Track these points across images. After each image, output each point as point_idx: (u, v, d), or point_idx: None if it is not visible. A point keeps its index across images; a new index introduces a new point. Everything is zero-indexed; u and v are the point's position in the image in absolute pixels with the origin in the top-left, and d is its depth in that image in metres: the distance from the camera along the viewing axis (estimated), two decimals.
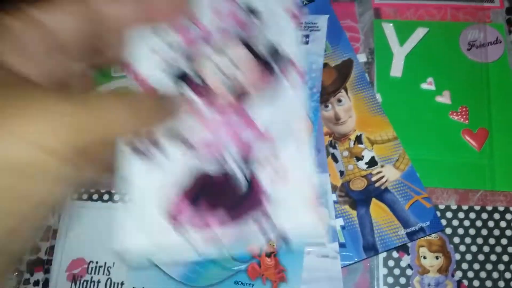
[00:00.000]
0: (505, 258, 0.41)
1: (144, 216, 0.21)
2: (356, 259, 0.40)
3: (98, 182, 0.40)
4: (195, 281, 0.39)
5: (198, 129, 0.21)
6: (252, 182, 0.21)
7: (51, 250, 0.42)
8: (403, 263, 0.41)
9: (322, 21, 0.48)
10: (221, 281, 0.39)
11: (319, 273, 0.39)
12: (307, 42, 0.47)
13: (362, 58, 0.49)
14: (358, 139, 0.44)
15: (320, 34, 0.47)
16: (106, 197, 0.44)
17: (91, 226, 0.42)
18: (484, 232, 0.42)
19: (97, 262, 0.41)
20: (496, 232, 0.42)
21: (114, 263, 0.41)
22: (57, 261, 0.41)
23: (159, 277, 0.39)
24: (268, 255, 0.39)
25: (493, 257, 0.41)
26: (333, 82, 0.47)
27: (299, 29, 0.46)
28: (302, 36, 0.47)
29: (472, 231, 0.42)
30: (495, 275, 0.41)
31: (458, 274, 0.41)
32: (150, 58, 0.22)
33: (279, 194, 0.20)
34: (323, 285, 0.39)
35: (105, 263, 0.41)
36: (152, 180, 0.21)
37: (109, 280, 0.40)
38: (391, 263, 0.41)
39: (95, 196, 0.44)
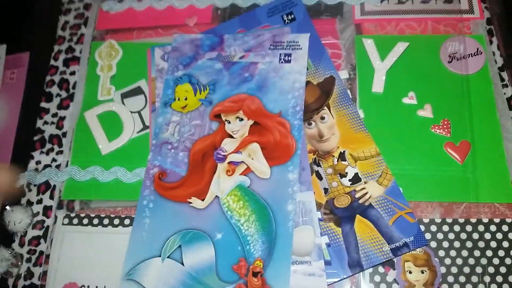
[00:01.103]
0: (491, 269, 0.41)
1: None
2: (342, 276, 0.41)
3: None
4: None
5: None
6: None
7: (44, 275, 0.43)
8: (389, 278, 0.42)
9: (303, 39, 0.49)
10: None
11: None
12: (289, 61, 0.48)
13: (344, 74, 0.49)
14: (342, 156, 0.45)
15: (302, 53, 0.48)
16: (95, 221, 0.45)
17: (83, 250, 0.43)
18: (469, 244, 0.42)
19: (89, 286, 0.42)
20: (481, 244, 0.42)
21: (105, 286, 0.42)
22: (50, 286, 0.42)
23: None
24: (255, 275, 0.40)
25: (478, 269, 0.41)
26: (316, 100, 0.48)
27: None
28: (284, 55, 0.48)
29: (457, 244, 0.42)
30: (481, 287, 0.41)
31: (444, 287, 0.41)
32: None
33: None
34: None
35: (97, 287, 0.42)
36: None
37: None
38: (377, 278, 0.42)
39: (85, 221, 0.45)
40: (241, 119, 0.46)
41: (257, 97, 0.47)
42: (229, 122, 0.46)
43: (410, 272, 0.42)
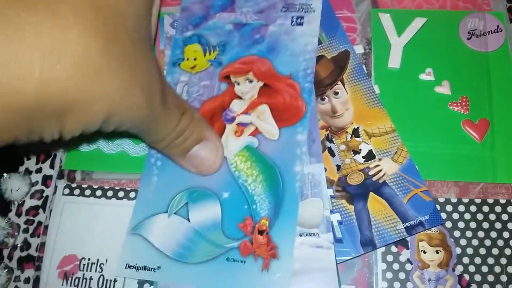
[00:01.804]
0: (508, 251, 0.40)
1: None
2: (353, 255, 0.39)
3: None
4: (186, 257, 0.39)
5: None
6: None
7: (42, 246, 0.41)
8: (402, 258, 0.40)
9: (317, 1, 0.47)
10: (213, 258, 0.39)
11: (312, 264, 0.38)
12: (301, 24, 0.46)
13: (359, 49, 0.47)
14: (355, 132, 0.43)
15: (315, 15, 0.47)
16: (99, 192, 0.43)
17: (83, 222, 0.41)
18: (486, 225, 0.41)
19: (89, 259, 0.40)
20: (498, 225, 0.41)
21: (106, 259, 0.40)
22: (48, 258, 0.40)
23: (151, 255, 0.39)
24: (261, 232, 0.39)
25: (495, 251, 0.40)
26: (329, 75, 0.46)
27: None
28: (296, 17, 0.47)
29: (473, 225, 0.41)
30: (497, 269, 0.39)
31: (459, 268, 0.40)
32: None
33: None
34: (316, 275, 0.38)
35: (98, 260, 0.40)
36: None
37: (101, 277, 0.40)
38: (390, 258, 0.40)
39: (87, 192, 0.43)
40: (251, 81, 0.45)
41: (268, 59, 0.45)
42: (239, 84, 0.45)
43: (424, 252, 0.40)
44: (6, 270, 0.40)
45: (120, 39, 0.27)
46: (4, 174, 0.43)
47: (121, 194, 0.43)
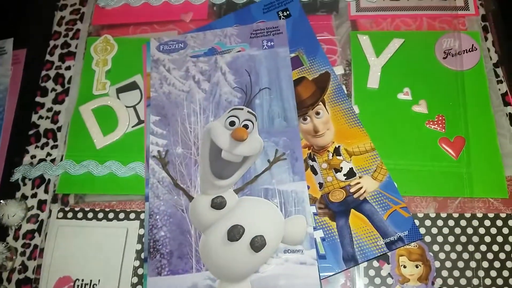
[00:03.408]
0: (485, 264, 0.41)
1: None
2: (336, 270, 0.41)
3: None
4: None
5: None
6: None
7: (38, 269, 0.43)
8: (383, 272, 0.42)
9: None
10: None
11: (296, 280, 0.40)
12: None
13: (339, 70, 0.49)
14: (337, 151, 0.45)
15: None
16: (90, 215, 0.45)
17: (77, 244, 0.43)
18: (463, 239, 0.42)
19: (83, 280, 0.42)
20: (475, 238, 0.42)
21: (99, 280, 0.42)
22: (44, 279, 0.42)
23: None
24: None
25: (472, 264, 0.41)
26: (311, 95, 0.48)
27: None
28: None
29: (451, 239, 0.42)
30: (475, 281, 0.41)
31: (439, 282, 0.41)
32: None
33: None
34: None
35: (91, 281, 0.42)
36: None
37: None
38: (371, 272, 0.42)
39: (79, 215, 0.45)
40: None
41: None
42: None
43: (404, 267, 0.42)
44: None
45: None
46: (1, 201, 0.45)
47: (111, 215, 0.45)
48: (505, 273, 0.41)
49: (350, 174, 0.44)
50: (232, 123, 0.45)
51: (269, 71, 0.48)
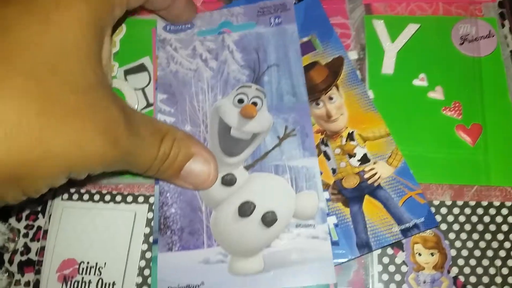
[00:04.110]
0: (502, 253, 0.40)
1: None
2: (350, 257, 0.40)
3: None
4: None
5: None
6: None
7: (41, 250, 0.42)
8: (398, 260, 0.41)
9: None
10: None
11: (309, 254, 0.39)
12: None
13: (353, 55, 0.48)
14: (350, 136, 0.44)
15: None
16: (97, 197, 0.44)
17: (82, 226, 0.42)
18: (480, 227, 0.41)
19: (88, 263, 0.41)
20: (492, 227, 0.41)
21: (105, 263, 0.41)
22: (48, 261, 0.41)
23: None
24: None
25: (489, 253, 0.40)
26: (324, 80, 0.47)
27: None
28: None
29: (467, 227, 0.41)
30: (492, 270, 0.40)
31: (454, 270, 0.40)
32: None
33: None
34: (313, 266, 0.39)
35: (96, 263, 0.41)
36: None
37: (100, 281, 0.40)
38: (385, 259, 0.41)
39: (85, 196, 0.44)
40: None
41: None
42: None
43: (419, 254, 0.41)
44: (7, 274, 0.41)
45: (59, 94, 0.26)
46: None
47: (118, 198, 0.43)
48: None
49: (364, 159, 0.43)
50: (240, 101, 0.45)
51: (277, 48, 0.47)
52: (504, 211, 0.42)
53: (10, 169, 0.24)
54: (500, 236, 0.41)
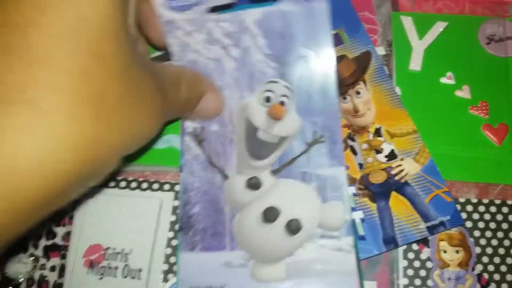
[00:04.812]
0: None
1: None
2: (376, 252, 0.40)
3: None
4: None
5: None
6: None
7: (67, 235, 0.41)
8: (423, 256, 0.41)
9: None
10: None
11: (333, 267, 0.38)
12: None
13: (380, 50, 0.48)
14: (377, 132, 0.44)
15: None
16: (123, 184, 0.43)
17: (108, 212, 0.42)
18: (505, 226, 0.42)
19: (114, 249, 0.40)
20: None
21: (132, 249, 0.40)
22: (74, 246, 0.40)
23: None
24: None
25: None
26: (351, 74, 0.46)
27: None
28: None
29: (492, 225, 0.42)
30: None
31: (479, 267, 0.40)
32: None
33: None
34: (337, 279, 0.38)
35: (123, 250, 0.40)
36: None
37: (126, 267, 0.40)
38: (411, 255, 0.41)
39: (111, 183, 0.43)
40: None
41: None
42: None
43: (445, 252, 0.41)
44: (33, 258, 0.40)
45: (106, 85, 0.25)
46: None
47: (144, 185, 0.43)
48: None
49: (392, 156, 0.43)
50: (267, 99, 0.41)
51: (306, 32, 0.42)
52: None
53: (78, 177, 0.24)
54: None
